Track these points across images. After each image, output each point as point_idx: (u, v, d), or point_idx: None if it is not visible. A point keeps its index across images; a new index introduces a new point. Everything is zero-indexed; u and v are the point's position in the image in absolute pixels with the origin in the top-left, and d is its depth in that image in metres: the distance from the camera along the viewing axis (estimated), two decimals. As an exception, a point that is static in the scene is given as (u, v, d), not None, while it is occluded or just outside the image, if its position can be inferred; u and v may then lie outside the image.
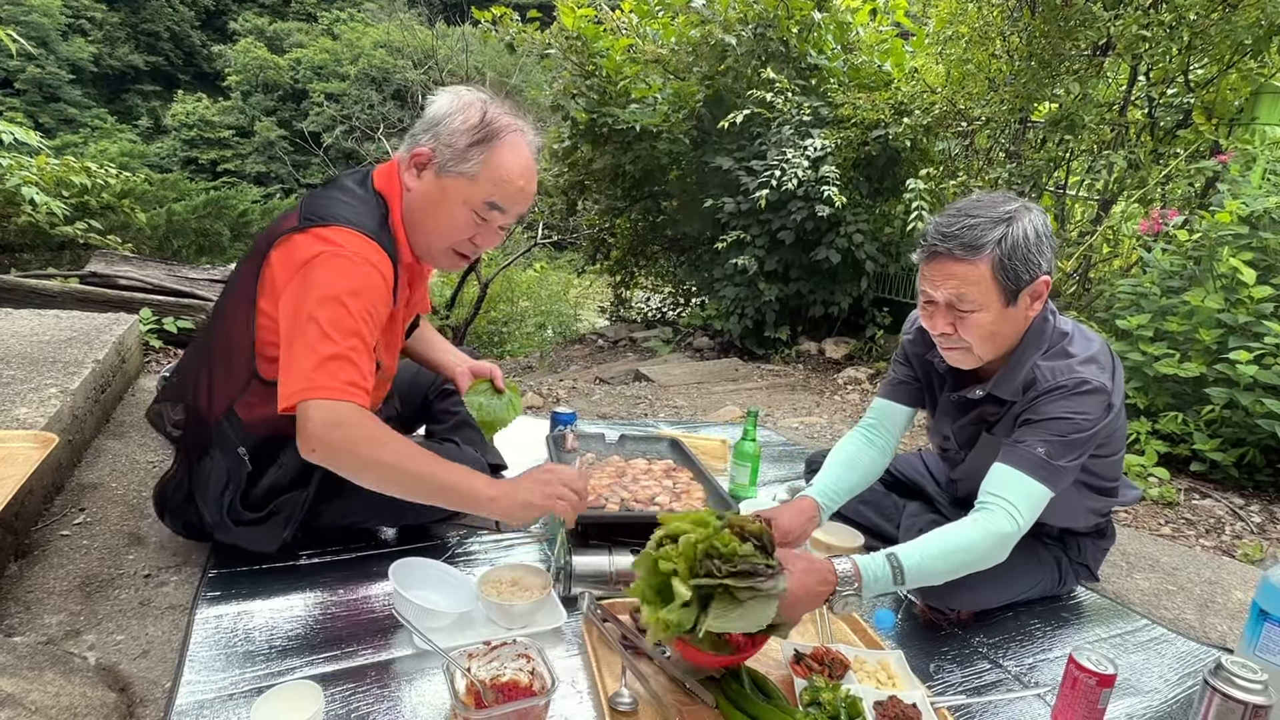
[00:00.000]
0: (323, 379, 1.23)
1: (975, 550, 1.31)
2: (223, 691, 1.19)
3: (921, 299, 1.42)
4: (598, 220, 7.16)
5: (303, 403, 1.23)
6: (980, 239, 1.30)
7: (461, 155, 1.38)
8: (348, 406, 1.24)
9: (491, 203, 1.41)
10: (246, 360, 1.42)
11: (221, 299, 1.54)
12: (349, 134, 19.14)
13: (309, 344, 1.24)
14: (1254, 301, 2.68)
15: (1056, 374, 1.36)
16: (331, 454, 1.24)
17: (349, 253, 1.30)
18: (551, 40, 5.89)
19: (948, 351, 1.45)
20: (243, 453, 1.47)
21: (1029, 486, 1.32)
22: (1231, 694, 1.11)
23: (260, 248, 1.40)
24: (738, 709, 1.21)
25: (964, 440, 1.60)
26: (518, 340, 7.68)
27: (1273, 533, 2.51)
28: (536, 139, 1.47)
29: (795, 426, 3.42)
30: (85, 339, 2.44)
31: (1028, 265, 1.31)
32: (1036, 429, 1.35)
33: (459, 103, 1.40)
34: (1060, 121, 3.79)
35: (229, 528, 1.49)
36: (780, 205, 4.89)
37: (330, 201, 1.38)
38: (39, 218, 4.50)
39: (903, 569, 1.27)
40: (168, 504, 1.55)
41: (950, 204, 1.43)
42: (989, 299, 1.33)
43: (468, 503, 1.32)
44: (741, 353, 5.46)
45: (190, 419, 1.51)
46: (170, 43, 29.92)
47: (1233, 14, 3.41)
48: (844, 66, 5.45)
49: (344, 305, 1.26)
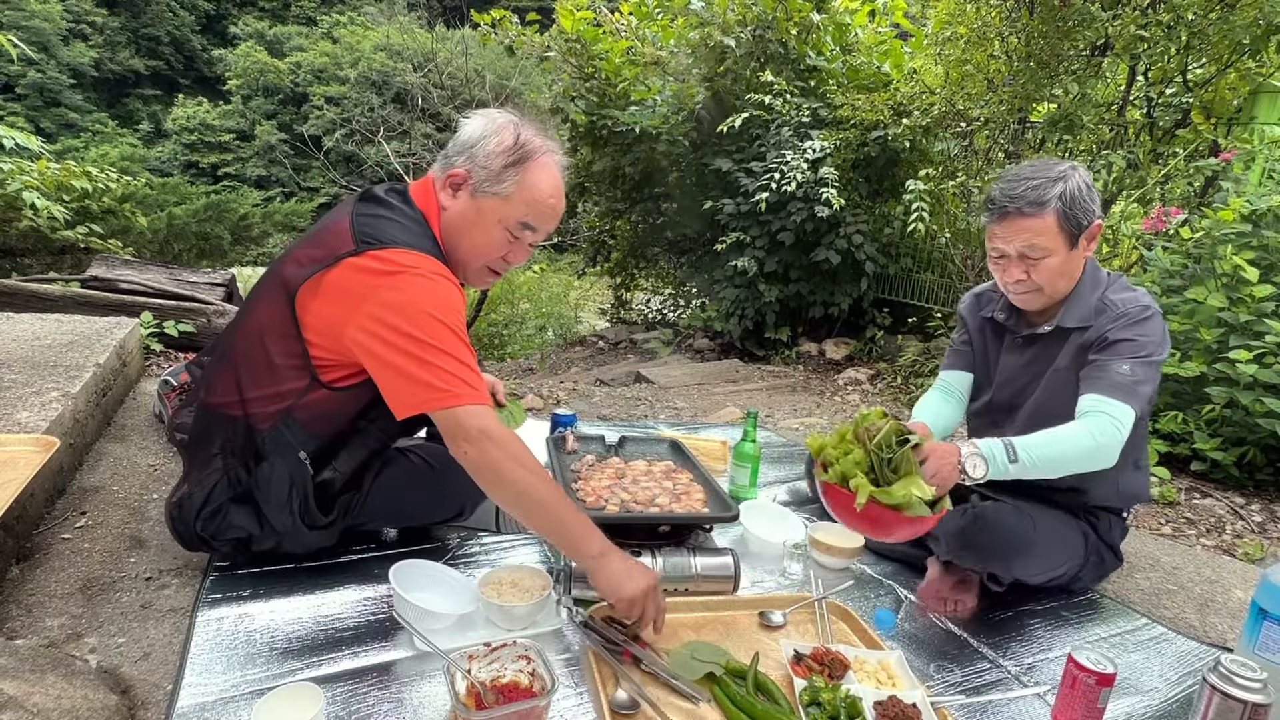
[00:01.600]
0: (458, 386, 1.28)
1: (1083, 446, 1.45)
2: (224, 693, 1.19)
3: (993, 255, 1.63)
4: (598, 222, 7.17)
5: (449, 409, 1.27)
6: (1044, 195, 1.52)
7: (497, 177, 1.42)
8: (490, 413, 1.30)
9: (525, 222, 1.45)
10: (301, 368, 1.42)
11: (251, 309, 1.50)
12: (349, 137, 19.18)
13: (422, 359, 1.27)
14: (1255, 300, 2.67)
15: (1126, 302, 1.58)
16: (484, 459, 1.28)
17: (425, 271, 1.33)
18: (551, 43, 5.91)
19: (1020, 296, 1.64)
20: (304, 457, 1.47)
21: (1121, 408, 1.48)
22: (1231, 692, 1.11)
23: (301, 263, 1.39)
24: (738, 709, 1.21)
25: (1026, 380, 1.73)
26: (518, 342, 7.67)
27: (1273, 532, 2.51)
28: (564, 159, 1.52)
29: (795, 428, 3.43)
30: (86, 343, 2.45)
31: (1085, 212, 1.54)
32: (1117, 349, 1.54)
33: (493, 126, 1.45)
34: (1059, 122, 3.79)
35: (303, 533, 1.50)
36: (780, 206, 4.89)
37: (382, 222, 1.39)
38: (40, 222, 4.52)
39: (1014, 447, 1.44)
40: (196, 515, 1.46)
41: (1005, 173, 1.67)
42: (1056, 244, 1.54)
43: (572, 548, 1.34)
44: (742, 354, 5.46)
45: (224, 426, 1.46)
46: (171, 47, 30.00)
47: (1230, 14, 3.42)
48: (843, 68, 5.45)
49: (442, 322, 1.30)
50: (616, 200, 6.81)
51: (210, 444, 1.48)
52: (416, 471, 1.65)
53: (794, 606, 1.58)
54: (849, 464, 1.42)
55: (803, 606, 1.58)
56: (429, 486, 1.66)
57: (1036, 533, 1.61)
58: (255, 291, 1.53)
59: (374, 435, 1.57)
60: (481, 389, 1.31)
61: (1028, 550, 1.61)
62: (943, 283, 5.18)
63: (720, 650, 1.35)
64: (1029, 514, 1.62)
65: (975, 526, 1.59)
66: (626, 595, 1.30)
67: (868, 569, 1.84)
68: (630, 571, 1.33)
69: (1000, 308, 1.77)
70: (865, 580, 1.80)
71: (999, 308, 1.77)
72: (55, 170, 4.74)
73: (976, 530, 1.58)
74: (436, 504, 1.70)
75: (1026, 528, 1.60)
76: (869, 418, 1.50)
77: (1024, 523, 1.60)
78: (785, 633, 1.51)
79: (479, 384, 1.31)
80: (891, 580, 1.80)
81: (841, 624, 1.55)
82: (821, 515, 2.09)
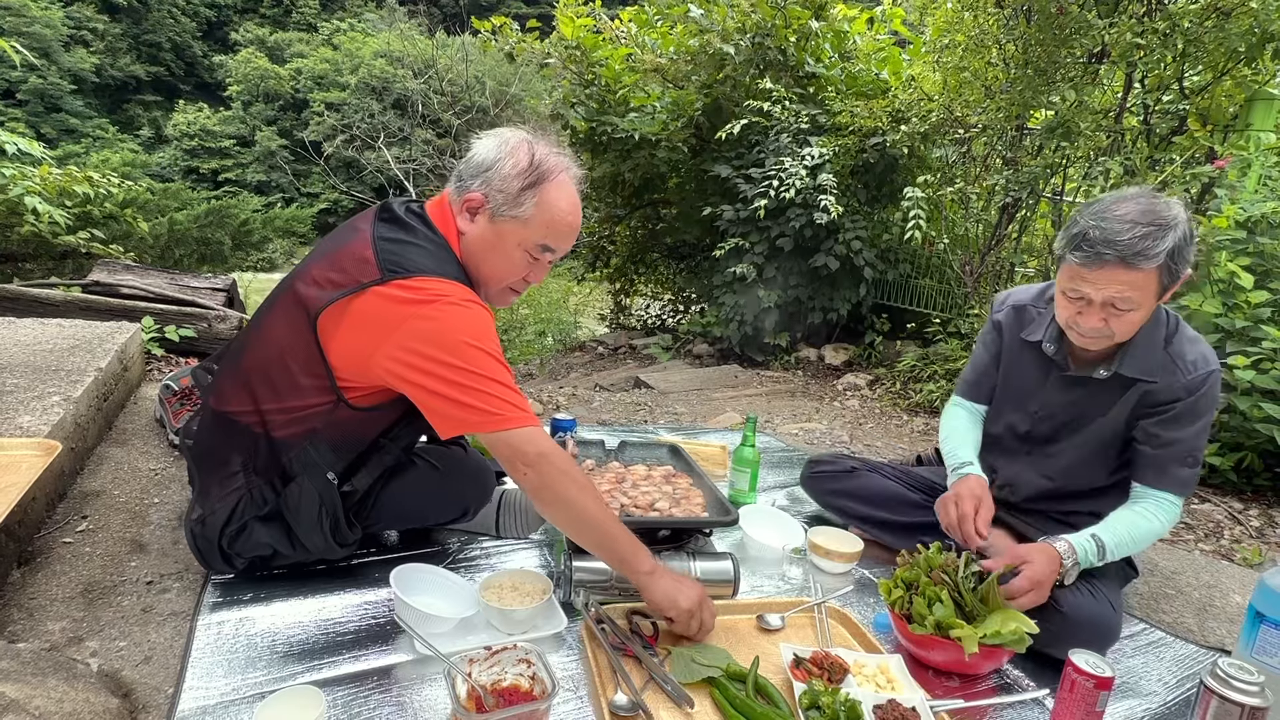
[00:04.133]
0: (509, 410, 1.29)
1: (1156, 534, 1.53)
2: (225, 697, 1.20)
3: (1070, 295, 1.45)
4: (597, 228, 7.18)
5: (503, 432, 1.29)
6: (1154, 249, 1.33)
7: (514, 200, 1.41)
8: (545, 435, 1.32)
9: (544, 245, 1.45)
10: (325, 388, 1.40)
11: (269, 325, 1.47)
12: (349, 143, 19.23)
13: (466, 386, 1.28)
14: (1251, 306, 2.69)
15: (1197, 364, 1.49)
16: (543, 482, 1.31)
17: (457, 299, 1.32)
18: (551, 49, 5.94)
19: (1087, 339, 1.49)
20: (332, 478, 1.47)
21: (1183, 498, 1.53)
22: (1229, 696, 1.11)
23: (323, 287, 1.37)
24: (738, 712, 1.22)
25: (1071, 417, 1.64)
26: (518, 348, 7.68)
27: (1271, 537, 2.52)
28: (579, 171, 1.50)
29: (795, 432, 3.43)
30: (88, 347, 2.46)
31: (1185, 264, 1.38)
32: (1185, 438, 1.50)
33: (507, 147, 1.43)
34: (1056, 128, 3.81)
35: (334, 549, 1.51)
36: (779, 212, 4.91)
37: (410, 249, 1.37)
38: (42, 227, 4.53)
39: (1104, 548, 1.48)
40: (220, 533, 1.45)
41: (1098, 203, 1.43)
42: (1148, 298, 1.40)
43: (625, 565, 1.37)
44: (741, 359, 5.47)
45: (244, 442, 1.46)
46: (172, 53, 30.10)
47: (1226, 21, 3.44)
48: (841, 75, 5.48)
49: (481, 349, 1.30)
50: (616, 206, 6.83)
51: (228, 460, 1.47)
52: (421, 474, 1.65)
53: (793, 610, 1.58)
54: (947, 614, 1.40)
55: (802, 611, 1.59)
56: (434, 489, 1.66)
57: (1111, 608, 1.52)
58: (270, 305, 1.50)
59: (392, 452, 1.58)
60: (528, 410, 1.32)
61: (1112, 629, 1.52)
62: (941, 288, 5.20)
63: (721, 653, 1.36)
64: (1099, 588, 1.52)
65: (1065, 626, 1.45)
66: (685, 608, 1.35)
67: (867, 573, 1.84)
68: (681, 586, 1.37)
69: (1049, 338, 1.62)
70: (864, 585, 1.80)
71: (1048, 338, 1.62)
72: (57, 175, 4.75)
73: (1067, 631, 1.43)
74: (441, 506, 1.70)
75: (1105, 609, 1.49)
76: (934, 560, 1.51)
77: (1102, 606, 1.49)
78: (784, 636, 1.51)
79: (525, 405, 1.32)
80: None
81: (841, 628, 1.55)
82: (818, 520, 2.10)
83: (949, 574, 1.47)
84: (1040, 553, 1.47)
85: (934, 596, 1.44)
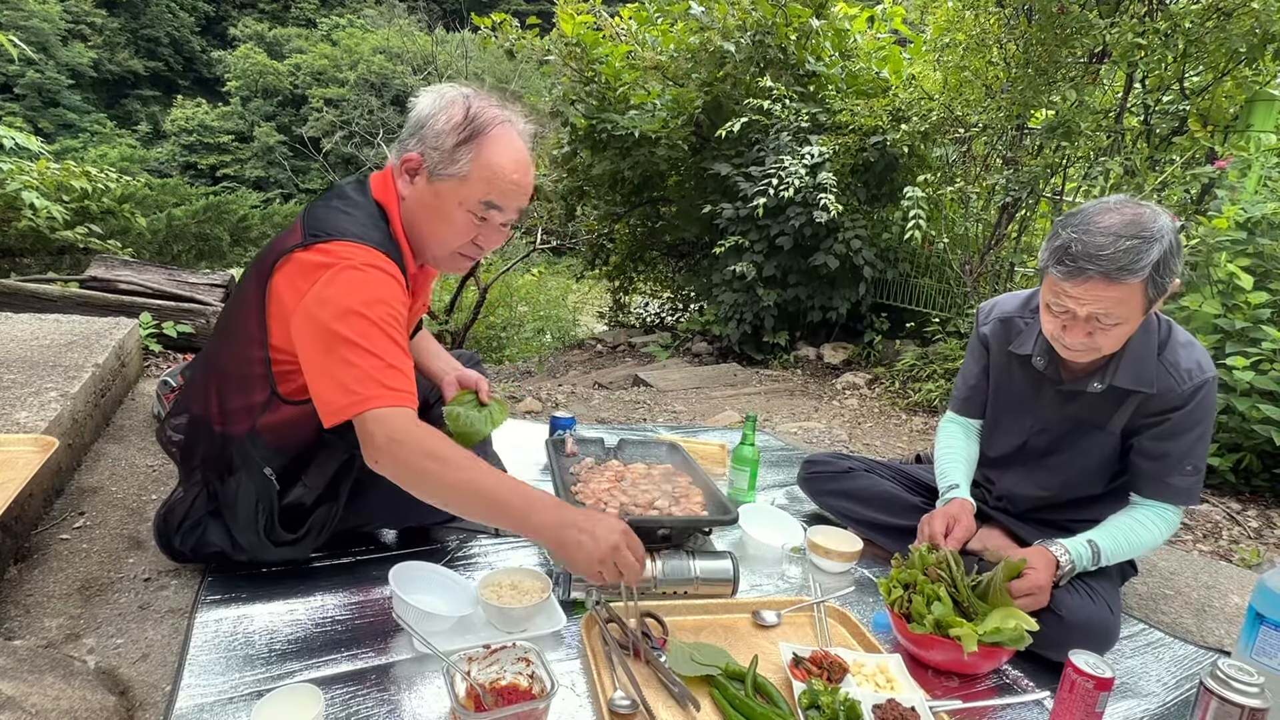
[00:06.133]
0: (371, 389, 1.20)
1: (1156, 542, 1.55)
2: (223, 695, 1.19)
3: (1054, 309, 1.42)
4: (597, 225, 7.18)
5: (358, 416, 1.20)
6: (1137, 263, 1.30)
7: (450, 156, 1.33)
8: (403, 415, 1.21)
9: (488, 201, 1.36)
10: (264, 379, 1.39)
11: (228, 315, 1.49)
12: (348, 139, 19.19)
13: (343, 359, 1.20)
14: (1251, 307, 2.69)
15: (1192, 372, 1.47)
16: (397, 466, 1.20)
17: (358, 263, 1.26)
18: (551, 46, 5.92)
19: (1073, 353, 1.46)
20: (269, 473, 1.44)
21: (1183, 507, 1.56)
22: (1228, 697, 1.11)
23: (266, 264, 1.36)
24: (737, 712, 1.21)
25: (1066, 430, 1.62)
26: (517, 345, 7.67)
27: (1270, 537, 2.52)
28: (528, 126, 1.41)
29: (794, 431, 3.43)
30: (85, 343, 2.45)
31: (1171, 275, 1.35)
32: (1183, 445, 1.48)
33: (441, 101, 1.36)
34: (1057, 128, 3.81)
35: (268, 548, 1.46)
36: (778, 211, 4.90)
37: (331, 213, 1.34)
38: (39, 222, 4.51)
39: (1099, 553, 1.49)
40: (176, 528, 1.47)
41: (1081, 213, 1.39)
42: (1134, 312, 1.36)
43: (522, 528, 1.21)
44: (740, 358, 5.47)
45: (205, 438, 1.46)
46: (170, 48, 30.03)
47: (1227, 22, 3.44)
48: (842, 73, 5.48)
49: (365, 316, 1.22)
50: (615, 204, 6.82)
51: (193, 455, 1.48)
52: None
53: (791, 609, 1.58)
54: (945, 612, 1.40)
55: (801, 610, 1.59)
56: None
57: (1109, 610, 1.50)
58: (234, 296, 1.50)
59: (340, 447, 1.49)
60: (402, 388, 1.22)
61: (1110, 631, 1.50)
62: (941, 288, 5.20)
63: (721, 652, 1.35)
64: (1097, 590, 1.51)
65: (1063, 628, 1.44)
66: (587, 570, 1.18)
67: (866, 573, 1.84)
68: (584, 543, 1.16)
69: (1039, 351, 1.59)
70: (864, 584, 1.80)
71: (1038, 351, 1.60)
72: (55, 170, 4.74)
73: (1064, 633, 1.42)
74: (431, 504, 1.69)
75: (1104, 612, 1.48)
76: (926, 559, 1.50)
77: (1100, 609, 1.48)
78: (784, 635, 1.51)
79: (400, 383, 1.22)
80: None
81: (840, 627, 1.55)
82: (817, 519, 2.10)
83: (946, 571, 1.47)
84: (1038, 556, 1.48)
85: (932, 595, 1.44)
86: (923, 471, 1.99)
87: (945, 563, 1.48)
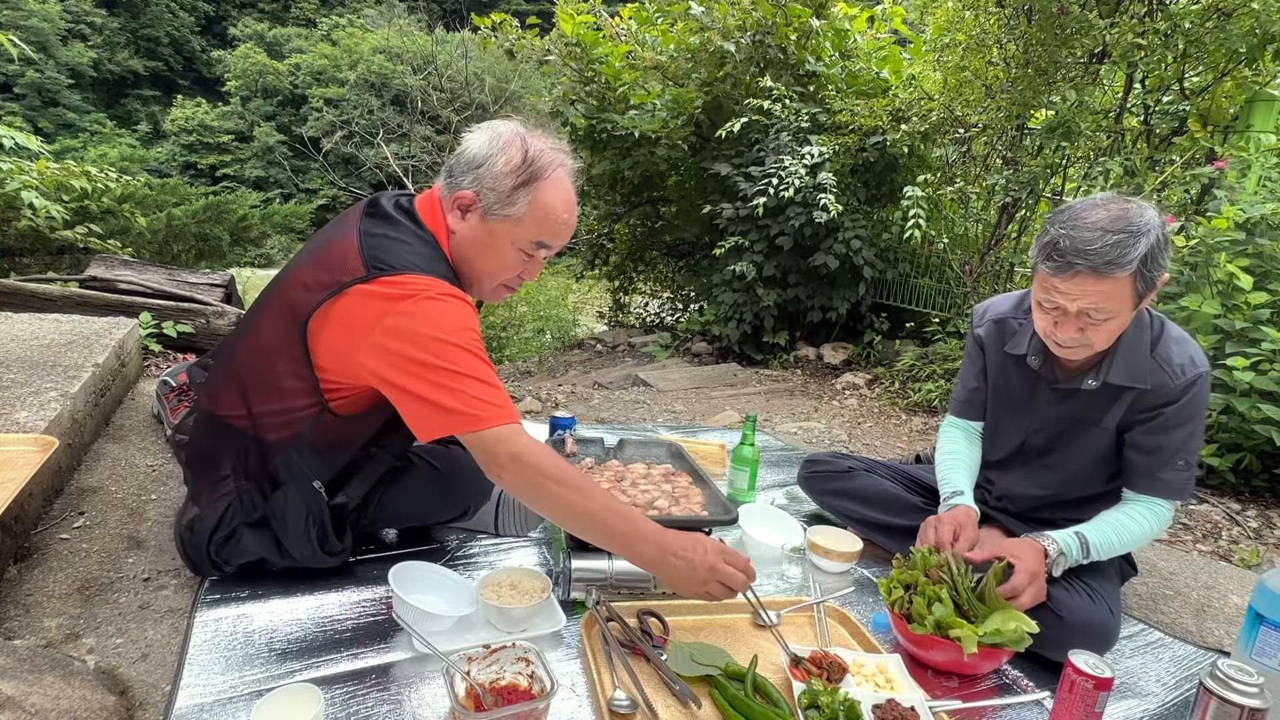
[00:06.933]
0: (484, 409, 1.24)
1: (1146, 536, 1.55)
2: (222, 694, 1.19)
3: (1045, 306, 1.44)
4: (596, 225, 7.18)
5: (476, 433, 1.24)
6: (1125, 256, 1.31)
7: (507, 199, 1.37)
8: (518, 432, 1.26)
9: (539, 241, 1.42)
10: (309, 392, 1.39)
11: (253, 323, 1.48)
12: (348, 139, 19.19)
13: (443, 386, 1.24)
14: (1250, 307, 2.69)
15: (1185, 367, 1.47)
16: (520, 482, 1.26)
17: (435, 293, 1.29)
18: (551, 46, 5.92)
19: (1066, 350, 1.48)
20: (318, 486, 1.46)
21: (1175, 503, 1.56)
22: (1228, 697, 1.12)
23: (306, 281, 1.35)
24: (736, 711, 1.21)
25: (1063, 429, 1.63)
26: (516, 345, 7.67)
27: (1269, 538, 2.52)
28: (574, 165, 1.46)
29: (794, 431, 3.43)
30: (85, 343, 2.45)
31: (1160, 269, 1.36)
32: (1176, 441, 1.49)
33: (499, 142, 1.38)
34: (1057, 128, 3.81)
35: (322, 558, 1.49)
36: (778, 211, 4.90)
37: (395, 245, 1.34)
38: (39, 222, 4.51)
39: (1088, 545, 1.50)
40: (209, 540, 1.45)
41: (1069, 210, 1.41)
42: (1124, 306, 1.37)
43: (627, 555, 1.32)
44: (740, 358, 5.47)
45: (236, 444, 1.45)
46: (170, 48, 30.03)
47: (1227, 22, 3.44)
48: (842, 73, 5.47)
49: (456, 344, 1.26)
50: (615, 204, 6.82)
51: (219, 464, 1.46)
52: (421, 474, 1.65)
53: (790, 609, 1.58)
54: (946, 614, 1.40)
55: (801, 610, 1.59)
56: (434, 489, 1.66)
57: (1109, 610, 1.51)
58: (261, 305, 1.49)
59: (385, 460, 1.57)
60: (507, 407, 1.28)
61: (1110, 631, 1.50)
62: (940, 288, 5.20)
63: (720, 652, 1.35)
64: (1097, 591, 1.52)
65: (1063, 629, 1.44)
66: (692, 593, 1.31)
67: (866, 573, 1.84)
68: (682, 569, 1.29)
69: (1033, 350, 1.61)
70: (864, 584, 1.80)
71: (1032, 351, 1.61)
72: (54, 170, 4.73)
73: (1064, 634, 1.42)
74: (441, 505, 1.70)
75: (1104, 612, 1.48)
76: (928, 560, 1.50)
77: (1100, 610, 1.48)
78: (783, 635, 1.51)
79: (503, 401, 1.28)
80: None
81: (840, 627, 1.55)
82: (817, 519, 2.10)
83: (947, 573, 1.47)
84: (1026, 546, 1.48)
85: (933, 596, 1.44)
86: (923, 471, 2.00)
87: (946, 564, 1.48)
